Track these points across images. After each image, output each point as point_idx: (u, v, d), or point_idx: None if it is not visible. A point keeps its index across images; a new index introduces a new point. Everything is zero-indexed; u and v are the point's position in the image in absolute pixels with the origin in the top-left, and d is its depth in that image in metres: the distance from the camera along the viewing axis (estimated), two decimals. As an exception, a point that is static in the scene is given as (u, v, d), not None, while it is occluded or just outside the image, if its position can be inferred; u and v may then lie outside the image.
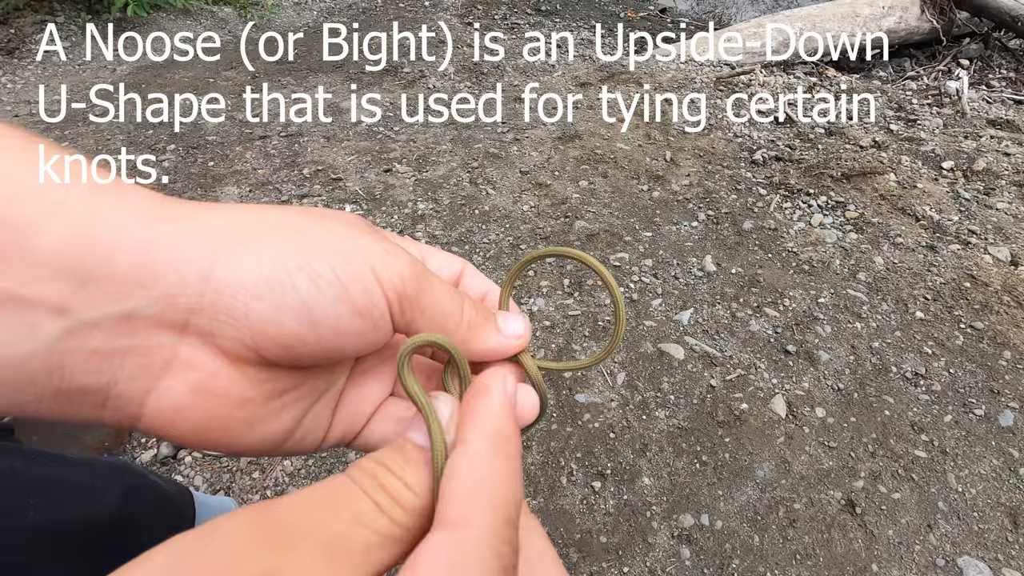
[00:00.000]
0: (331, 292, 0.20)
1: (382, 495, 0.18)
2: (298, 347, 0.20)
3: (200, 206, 0.20)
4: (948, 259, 1.55)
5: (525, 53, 2.74)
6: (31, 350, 0.16)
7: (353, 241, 0.22)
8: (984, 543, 1.03)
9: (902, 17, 2.82)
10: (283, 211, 0.22)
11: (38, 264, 0.16)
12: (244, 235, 0.20)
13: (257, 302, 0.19)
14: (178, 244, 0.18)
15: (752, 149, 1.98)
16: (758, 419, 1.19)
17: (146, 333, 0.18)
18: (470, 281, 0.30)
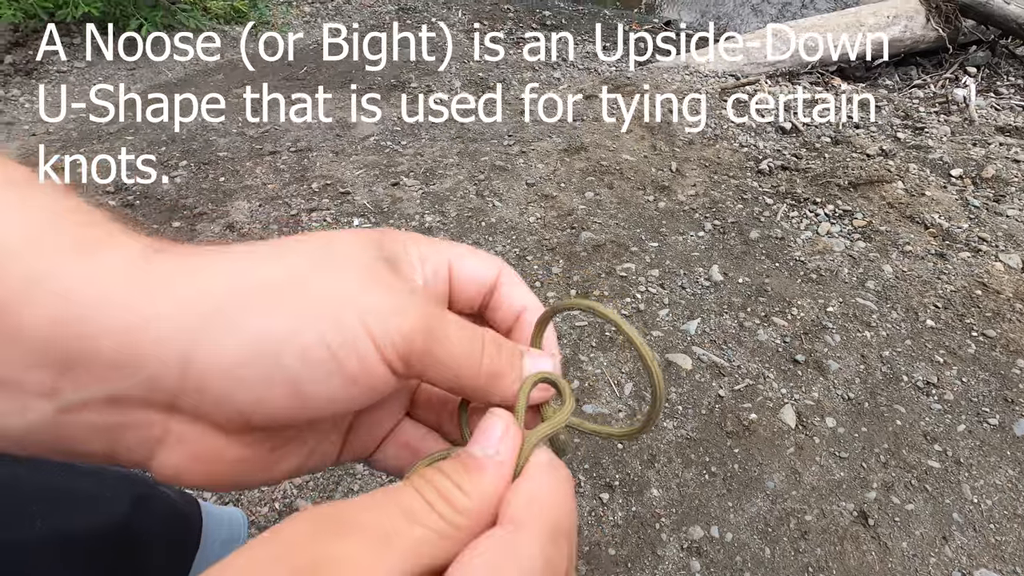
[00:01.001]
0: (322, 368, 0.19)
1: (434, 495, 0.19)
2: (290, 419, 0.20)
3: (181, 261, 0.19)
4: (958, 267, 1.53)
5: (530, 67, 2.76)
6: (28, 425, 0.17)
7: (347, 297, 0.20)
8: (1001, 555, 1.01)
9: (907, 26, 2.82)
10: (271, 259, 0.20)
11: (22, 348, 0.16)
12: (225, 303, 0.18)
13: (240, 384, 0.18)
14: (157, 323, 0.18)
15: (758, 159, 1.98)
16: (767, 429, 1.18)
17: (135, 412, 0.18)
18: (507, 292, 0.27)
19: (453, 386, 0.23)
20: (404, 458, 0.26)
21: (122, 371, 0.17)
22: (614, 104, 2.31)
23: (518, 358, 0.24)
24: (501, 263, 0.28)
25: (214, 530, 0.65)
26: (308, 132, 2.21)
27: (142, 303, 0.18)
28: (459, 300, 0.27)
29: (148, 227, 1.64)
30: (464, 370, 0.22)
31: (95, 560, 0.45)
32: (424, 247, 0.25)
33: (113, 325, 0.17)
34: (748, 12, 3.86)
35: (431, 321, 0.21)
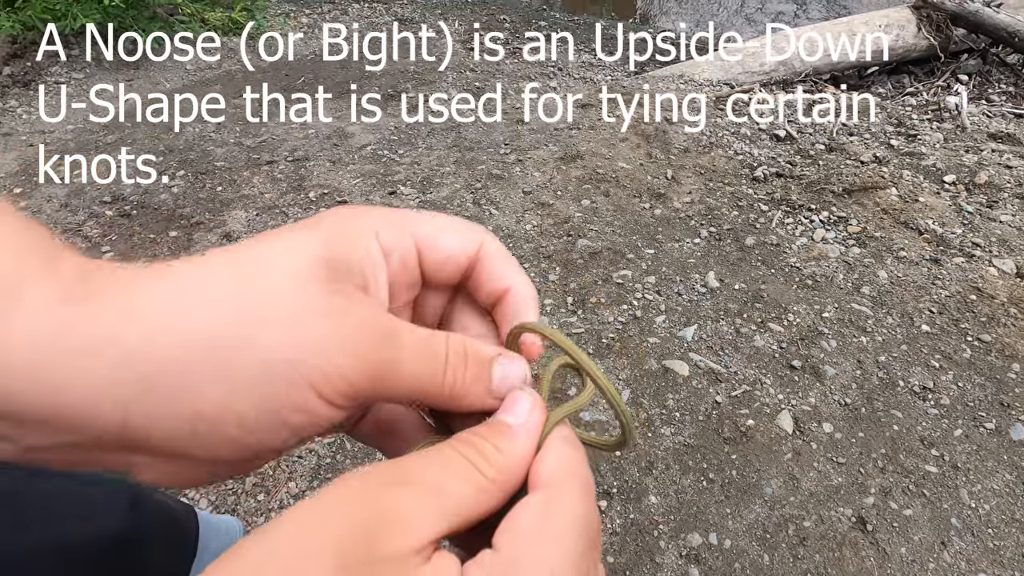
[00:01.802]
0: (265, 426, 0.19)
1: (475, 454, 0.21)
2: (243, 460, 0.21)
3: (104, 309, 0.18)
4: (953, 272, 1.54)
5: (526, 76, 2.79)
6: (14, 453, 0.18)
7: (281, 344, 0.19)
8: (1000, 560, 1.01)
9: (899, 35, 2.85)
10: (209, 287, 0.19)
11: None
12: (156, 369, 0.18)
13: (182, 448, 0.19)
14: (87, 393, 0.17)
15: (753, 166, 2.00)
16: (765, 435, 1.18)
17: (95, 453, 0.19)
18: (489, 268, 0.26)
19: (417, 404, 0.23)
20: (380, 439, 0.27)
21: (68, 432, 0.18)
22: (610, 113, 2.32)
23: (486, 368, 0.23)
24: (484, 234, 0.26)
25: (211, 537, 0.65)
26: (305, 142, 2.22)
27: (71, 368, 0.17)
28: (434, 280, 0.26)
29: (146, 236, 1.64)
30: (427, 389, 0.22)
31: (94, 566, 0.45)
32: (388, 232, 0.23)
33: (48, 401, 0.17)
34: (742, 22, 3.90)
35: (379, 363, 0.20)
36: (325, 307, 0.20)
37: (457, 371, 0.23)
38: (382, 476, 0.19)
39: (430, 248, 0.25)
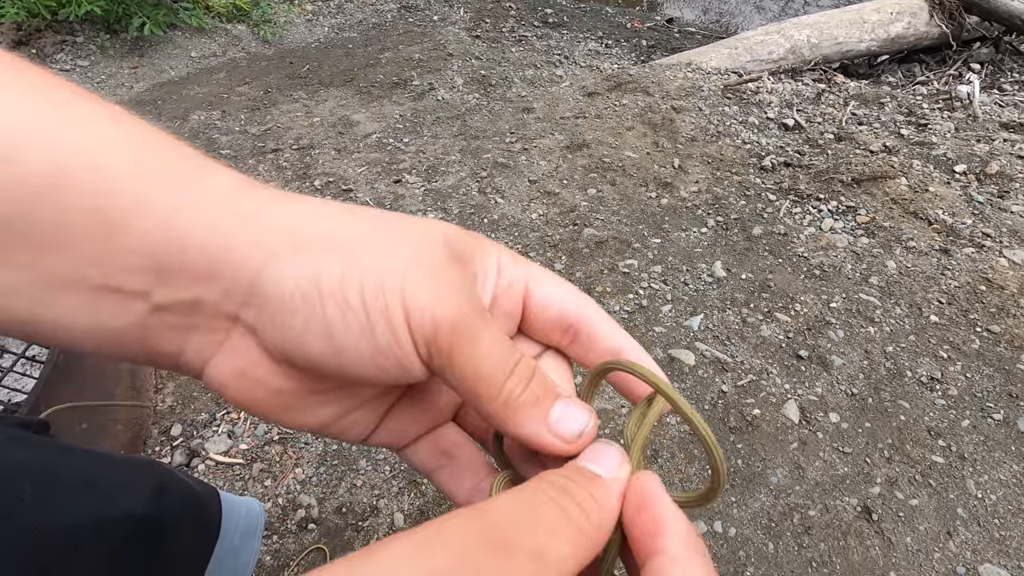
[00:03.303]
0: (355, 326, 0.20)
1: (573, 505, 0.19)
2: (322, 366, 0.21)
3: (270, 199, 0.21)
4: (962, 262, 1.53)
5: (532, 64, 2.76)
6: (125, 324, 0.20)
7: (400, 272, 0.20)
8: (1006, 550, 1.01)
9: (911, 23, 2.81)
10: (352, 219, 0.22)
11: (128, 260, 0.19)
12: (298, 244, 0.20)
13: (289, 316, 0.20)
14: (239, 245, 0.20)
15: (761, 155, 1.98)
16: (771, 425, 1.18)
17: (207, 317, 0.21)
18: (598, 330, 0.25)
19: (470, 399, 0.22)
20: (437, 462, 0.26)
21: (204, 282, 0.20)
22: (616, 101, 2.30)
23: (548, 400, 0.22)
24: (588, 299, 0.26)
25: (233, 519, 0.65)
26: (310, 130, 2.21)
27: (230, 229, 0.20)
28: (535, 325, 0.25)
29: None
30: (483, 386, 0.21)
31: (122, 545, 0.45)
32: (507, 258, 0.25)
33: (203, 244, 0.20)
34: (751, 9, 3.86)
35: (463, 327, 0.21)
36: (443, 268, 0.21)
37: (519, 382, 0.22)
38: (479, 538, 0.17)
39: (538, 288, 0.25)
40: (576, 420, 0.22)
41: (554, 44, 3.04)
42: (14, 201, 0.17)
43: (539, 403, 0.22)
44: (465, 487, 0.26)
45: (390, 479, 1.11)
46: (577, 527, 0.19)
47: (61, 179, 0.18)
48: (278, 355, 0.21)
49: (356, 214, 0.22)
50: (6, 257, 0.18)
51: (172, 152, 0.21)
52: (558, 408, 0.22)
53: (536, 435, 0.22)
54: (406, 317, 0.20)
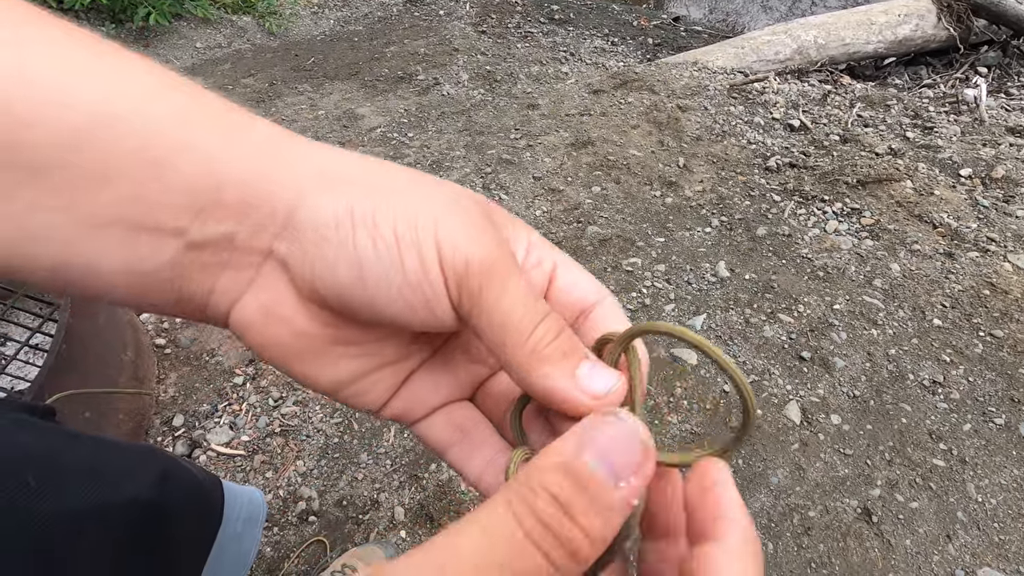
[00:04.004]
0: (386, 256, 0.20)
1: (560, 552, 0.16)
2: (351, 301, 0.21)
3: (309, 146, 0.22)
4: (966, 266, 1.53)
5: (538, 60, 2.76)
6: (157, 265, 0.20)
7: (434, 212, 0.20)
8: (1005, 554, 1.01)
9: (918, 25, 2.80)
10: (390, 168, 0.22)
11: (169, 196, 0.19)
12: (336, 178, 0.21)
13: (322, 244, 0.20)
14: (277, 180, 0.20)
15: (766, 156, 1.97)
16: (772, 425, 1.18)
17: (240, 253, 0.21)
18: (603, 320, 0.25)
19: (496, 348, 0.21)
20: (450, 437, 0.25)
21: (240, 215, 0.20)
22: (622, 99, 2.30)
23: (577, 356, 0.21)
24: (608, 292, 0.26)
25: (235, 507, 0.66)
26: (315, 123, 2.21)
27: (269, 167, 0.20)
28: (554, 306, 0.25)
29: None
30: (511, 332, 0.20)
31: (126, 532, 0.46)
32: (536, 238, 0.25)
33: (241, 180, 0.20)
34: (757, 9, 3.84)
35: (495, 268, 0.20)
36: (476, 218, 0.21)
37: (548, 332, 0.21)
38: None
39: (564, 271, 0.25)
40: (605, 378, 0.21)
41: (560, 41, 3.03)
42: (64, 144, 0.18)
43: (567, 357, 0.21)
44: (478, 463, 0.25)
45: (391, 473, 1.11)
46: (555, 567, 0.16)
47: (110, 121, 0.18)
48: (307, 290, 0.21)
49: (394, 166, 0.22)
50: (48, 198, 0.18)
51: (216, 103, 0.21)
52: (586, 365, 0.21)
53: (563, 389, 0.21)
54: (438, 252, 0.20)
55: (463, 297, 0.20)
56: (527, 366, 0.21)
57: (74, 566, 0.41)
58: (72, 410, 0.93)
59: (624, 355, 0.23)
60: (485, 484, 0.25)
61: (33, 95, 0.17)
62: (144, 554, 0.47)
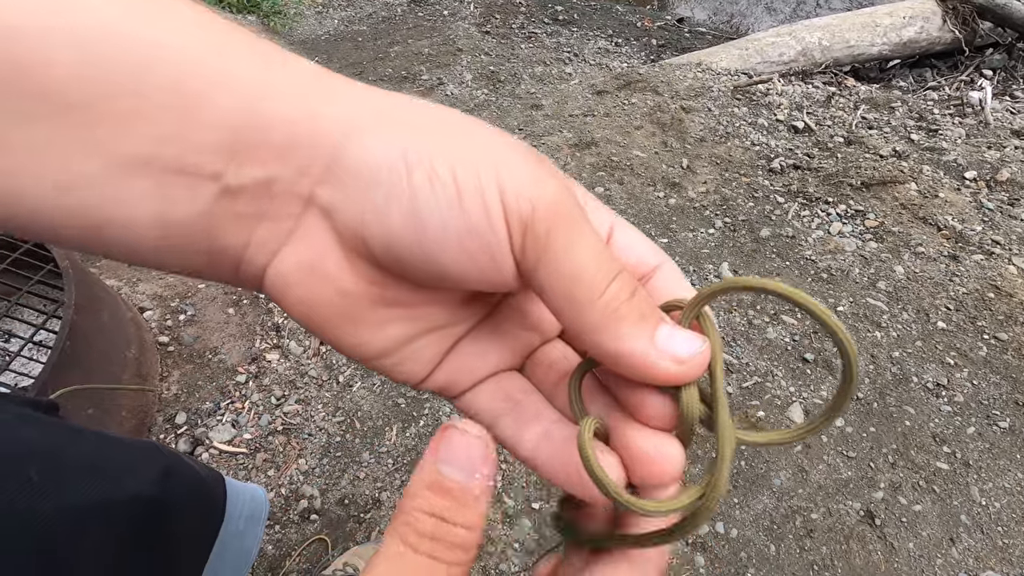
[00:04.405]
0: (443, 198, 0.18)
1: (451, 553, 0.18)
2: (402, 252, 0.19)
3: (356, 85, 0.20)
4: (971, 269, 1.52)
5: (541, 61, 2.76)
6: (194, 211, 0.18)
7: (495, 154, 0.19)
8: (1009, 558, 1.01)
9: (923, 27, 2.79)
10: (440, 108, 0.20)
11: (204, 134, 0.18)
12: (384, 119, 0.19)
13: (372, 188, 0.18)
14: (321, 119, 0.19)
15: (770, 157, 1.97)
16: (775, 427, 1.18)
17: (279, 200, 0.19)
18: (664, 287, 0.23)
19: (563, 305, 0.19)
20: (499, 407, 0.24)
21: (280, 157, 0.18)
22: (626, 100, 2.30)
23: (653, 319, 0.19)
24: (667, 256, 0.24)
25: (238, 504, 0.65)
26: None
27: (312, 102, 0.19)
28: None
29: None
30: (580, 289, 0.18)
31: (127, 529, 0.45)
32: (591, 199, 0.23)
33: (284, 116, 0.18)
34: (761, 10, 3.84)
35: (564, 212, 0.18)
36: (533, 156, 0.20)
37: (622, 290, 0.19)
38: None
39: (622, 233, 0.23)
40: (688, 341, 0.19)
41: (564, 41, 3.03)
42: (102, 80, 0.17)
43: (645, 319, 0.19)
44: (532, 436, 0.23)
45: (393, 472, 1.11)
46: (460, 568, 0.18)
47: (142, 53, 0.17)
48: (353, 242, 0.19)
49: (448, 110, 0.21)
50: (77, 140, 0.17)
51: (257, 40, 0.20)
52: (665, 328, 0.19)
53: (642, 352, 0.19)
54: (501, 197, 0.18)
55: (528, 245, 0.18)
56: (600, 325, 0.19)
57: (76, 562, 0.41)
58: (75, 406, 0.93)
59: (696, 322, 0.21)
60: (542, 458, 0.23)
61: (56, 23, 0.16)
62: (146, 551, 0.47)
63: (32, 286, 1.07)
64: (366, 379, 1.25)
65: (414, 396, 1.22)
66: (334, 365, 1.28)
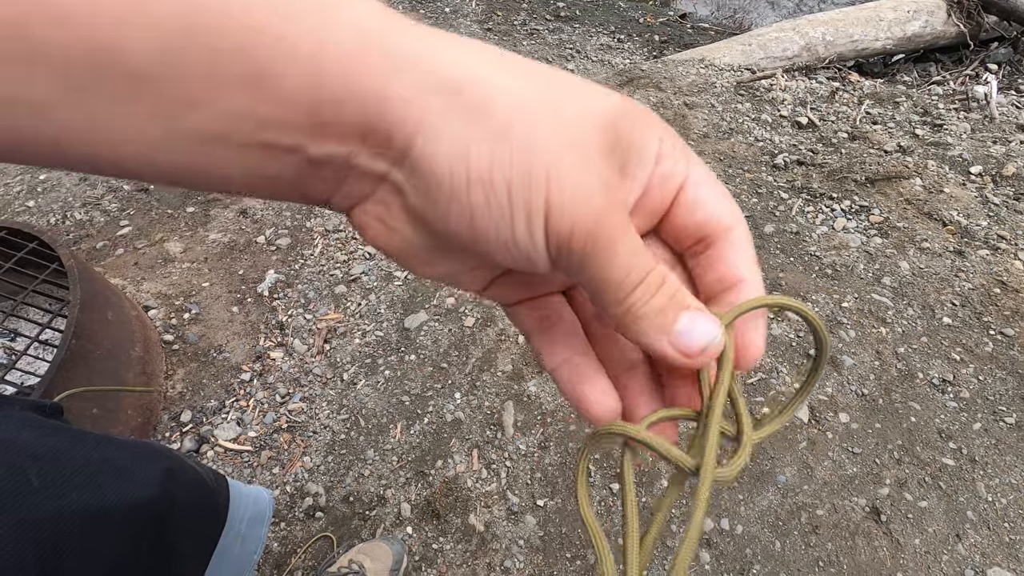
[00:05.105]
0: (496, 215, 0.19)
1: None
2: (456, 238, 0.21)
3: (417, 39, 0.20)
4: (977, 264, 1.51)
5: (544, 58, 2.75)
6: (280, 173, 0.20)
7: (549, 160, 0.19)
8: (1015, 554, 1.00)
9: (928, 21, 2.78)
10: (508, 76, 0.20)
11: (276, 110, 0.18)
12: (455, 105, 0.19)
13: (436, 191, 0.20)
14: (391, 99, 0.19)
15: (773, 153, 1.96)
16: (780, 423, 1.18)
17: (356, 172, 0.20)
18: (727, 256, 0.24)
19: (593, 298, 0.22)
20: (533, 326, 0.26)
21: (357, 140, 0.19)
22: (628, 96, 2.29)
23: (674, 310, 0.21)
24: (741, 219, 0.24)
25: (241, 507, 0.65)
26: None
27: (382, 77, 0.19)
28: (672, 223, 0.24)
29: (163, 212, 1.65)
30: (609, 291, 0.21)
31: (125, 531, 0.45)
32: (670, 146, 0.23)
33: (356, 95, 0.18)
34: (765, 6, 3.82)
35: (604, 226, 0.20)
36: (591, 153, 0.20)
37: (648, 288, 0.21)
38: None
39: (694, 189, 0.23)
40: (702, 333, 0.21)
41: (566, 38, 3.03)
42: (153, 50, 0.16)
43: (664, 312, 0.21)
44: (556, 359, 0.26)
45: (397, 469, 1.11)
46: None
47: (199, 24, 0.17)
48: (418, 218, 0.21)
49: (511, 69, 0.20)
50: (163, 111, 0.17)
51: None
52: (684, 319, 0.21)
53: (656, 346, 0.21)
54: (545, 214, 0.19)
55: (562, 259, 0.20)
56: (623, 322, 0.21)
57: (77, 565, 0.41)
58: (81, 406, 0.93)
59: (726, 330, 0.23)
60: (560, 380, 0.26)
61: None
62: (147, 553, 0.47)
63: (37, 285, 1.08)
64: (370, 377, 1.25)
65: (418, 394, 1.22)
66: (338, 363, 1.28)
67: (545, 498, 1.07)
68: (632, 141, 0.22)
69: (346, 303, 1.40)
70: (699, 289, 0.25)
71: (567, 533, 1.02)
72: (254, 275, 1.46)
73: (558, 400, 1.20)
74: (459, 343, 1.31)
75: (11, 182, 1.72)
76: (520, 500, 1.06)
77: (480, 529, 1.03)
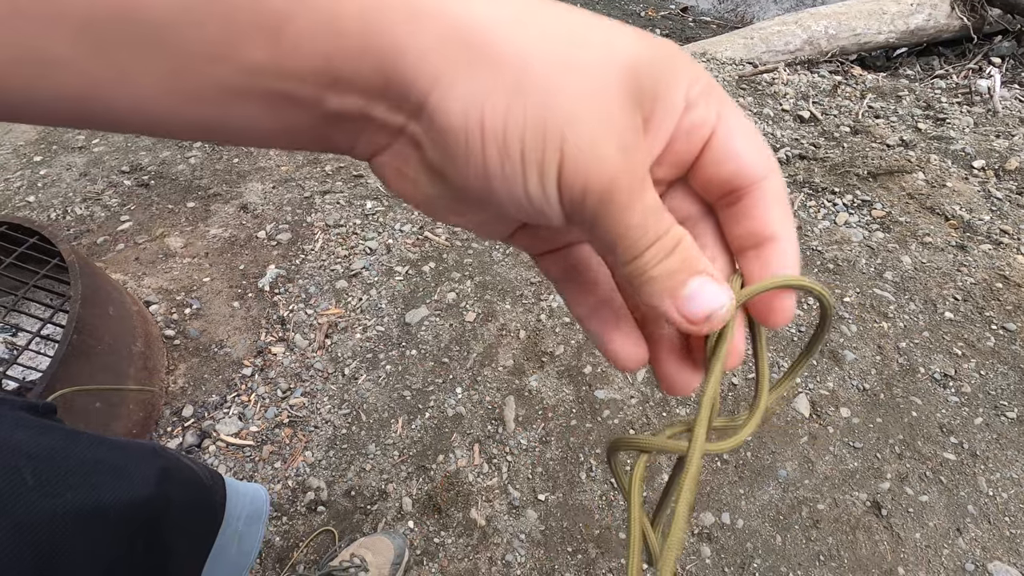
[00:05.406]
0: (510, 173, 0.19)
1: None
2: (474, 193, 0.21)
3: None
4: (979, 259, 1.51)
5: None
6: (302, 124, 0.20)
7: (566, 115, 0.19)
8: (1016, 548, 1.00)
9: (931, 14, 2.76)
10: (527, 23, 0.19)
11: (294, 62, 0.18)
12: (467, 58, 0.18)
13: (453, 147, 0.19)
14: (407, 53, 0.18)
15: (775, 147, 1.95)
16: (781, 418, 1.18)
17: (375, 124, 0.20)
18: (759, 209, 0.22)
19: (605, 256, 0.22)
20: (560, 276, 0.26)
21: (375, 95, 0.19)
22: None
23: (684, 274, 0.21)
24: (775, 170, 0.22)
25: (238, 505, 0.65)
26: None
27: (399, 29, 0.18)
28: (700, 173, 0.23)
29: (164, 207, 1.64)
30: (617, 253, 0.20)
31: (120, 531, 0.45)
32: (698, 92, 0.21)
33: (373, 49, 0.18)
34: (767, -1, 3.79)
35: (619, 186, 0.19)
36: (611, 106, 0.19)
37: (662, 249, 0.20)
38: None
39: (724, 138, 0.22)
40: (709, 301, 0.21)
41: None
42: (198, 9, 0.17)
43: (673, 276, 0.21)
44: (584, 309, 0.26)
45: (399, 464, 1.11)
46: None
47: None
48: (436, 172, 0.21)
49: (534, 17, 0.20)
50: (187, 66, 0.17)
51: None
52: (693, 285, 0.21)
53: (662, 308, 0.21)
54: (559, 171, 0.19)
55: (575, 216, 0.20)
56: (632, 283, 0.21)
57: (72, 565, 0.41)
58: (83, 401, 0.93)
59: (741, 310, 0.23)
60: (591, 329, 0.25)
61: None
62: (142, 552, 0.47)
63: (38, 280, 1.08)
64: (371, 372, 1.25)
65: (419, 388, 1.22)
66: (339, 358, 1.28)
67: (546, 492, 1.07)
68: (657, 91, 0.21)
69: (347, 298, 1.40)
70: (729, 243, 0.24)
71: (568, 527, 1.03)
72: (255, 270, 1.46)
73: (559, 395, 1.21)
74: (460, 338, 1.31)
75: (11, 177, 1.72)
76: (521, 494, 1.07)
77: (481, 523, 1.03)
